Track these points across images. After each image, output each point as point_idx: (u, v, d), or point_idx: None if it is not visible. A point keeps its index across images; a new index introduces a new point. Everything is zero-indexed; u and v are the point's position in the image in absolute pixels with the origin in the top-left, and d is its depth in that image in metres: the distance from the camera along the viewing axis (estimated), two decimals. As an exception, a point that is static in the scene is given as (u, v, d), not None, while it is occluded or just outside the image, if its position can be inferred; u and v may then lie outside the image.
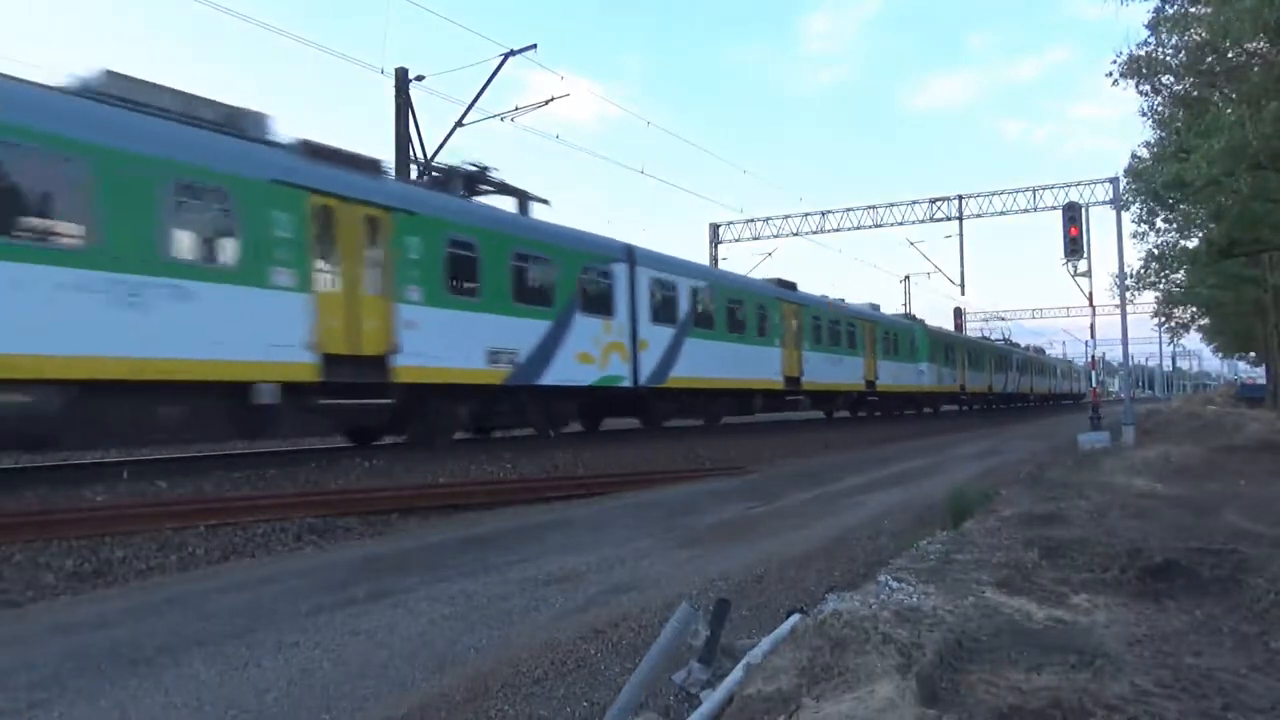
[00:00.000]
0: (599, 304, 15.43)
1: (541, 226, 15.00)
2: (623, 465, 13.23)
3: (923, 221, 31.44)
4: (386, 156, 15.26)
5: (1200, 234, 21.90)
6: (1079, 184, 27.75)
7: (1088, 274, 21.07)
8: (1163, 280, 29.22)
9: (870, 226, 32.19)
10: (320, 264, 10.57)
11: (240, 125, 10.26)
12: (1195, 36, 13.58)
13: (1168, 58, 15.12)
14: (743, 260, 79.99)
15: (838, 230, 32.75)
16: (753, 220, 34.54)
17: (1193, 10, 14.19)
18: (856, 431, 23.01)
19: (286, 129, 11.01)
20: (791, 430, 21.22)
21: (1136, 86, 16.16)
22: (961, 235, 31.75)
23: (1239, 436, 18.48)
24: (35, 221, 8.12)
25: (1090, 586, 4.56)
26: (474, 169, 14.66)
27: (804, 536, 7.74)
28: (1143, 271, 27.19)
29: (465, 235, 12.69)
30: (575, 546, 7.20)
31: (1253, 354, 54.76)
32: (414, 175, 17.55)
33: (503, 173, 14.95)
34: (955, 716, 2.59)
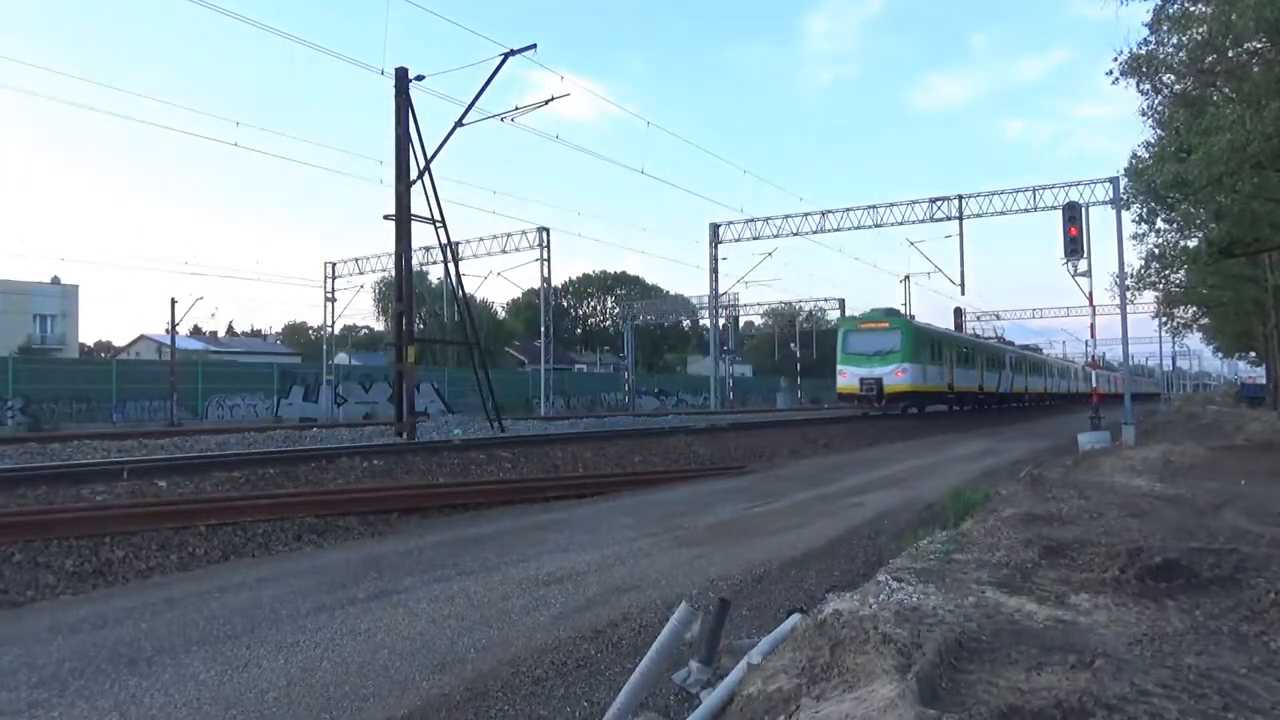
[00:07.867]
0: None
1: None
2: (623, 465, 13.23)
3: (923, 221, 31.42)
4: (386, 157, 15.12)
5: (1200, 234, 21.91)
6: (1079, 184, 27.76)
7: (1088, 274, 21.05)
8: (1163, 280, 29.26)
9: (870, 226, 32.22)
10: None
11: None
12: (1196, 35, 13.58)
13: (1168, 56, 15.12)
14: (743, 260, 79.73)
15: (838, 230, 32.81)
16: (753, 220, 34.60)
17: (1193, 9, 14.20)
18: (855, 432, 23.00)
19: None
20: (790, 430, 21.22)
21: (1137, 85, 16.16)
22: (961, 235, 31.66)
23: (1239, 436, 18.50)
24: None
25: (1090, 586, 4.55)
26: None
27: (804, 536, 7.73)
28: (1143, 271, 27.24)
29: None
30: (575, 546, 7.19)
31: (1253, 354, 54.76)
32: (414, 175, 17.56)
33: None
34: (955, 716, 2.58)
